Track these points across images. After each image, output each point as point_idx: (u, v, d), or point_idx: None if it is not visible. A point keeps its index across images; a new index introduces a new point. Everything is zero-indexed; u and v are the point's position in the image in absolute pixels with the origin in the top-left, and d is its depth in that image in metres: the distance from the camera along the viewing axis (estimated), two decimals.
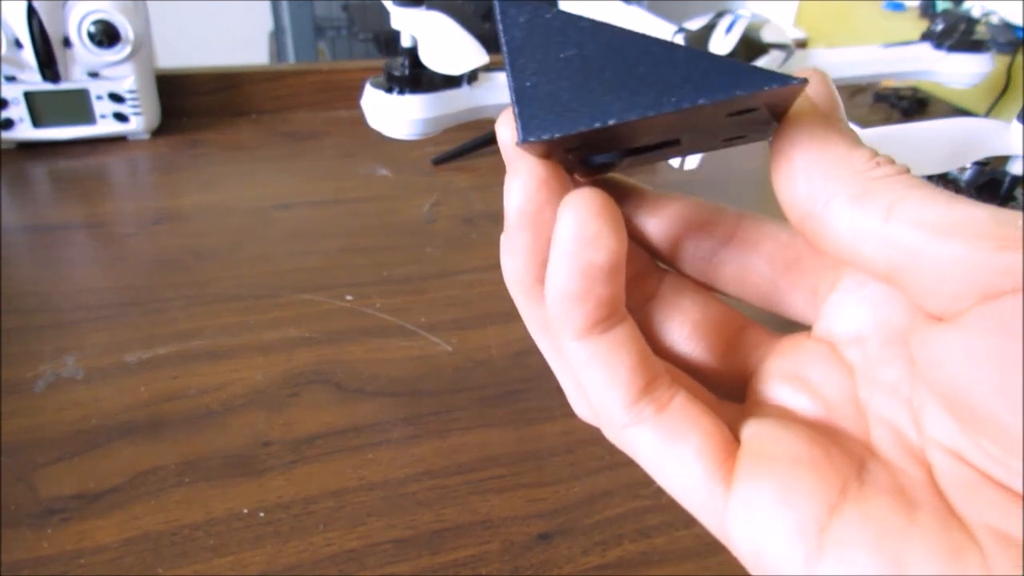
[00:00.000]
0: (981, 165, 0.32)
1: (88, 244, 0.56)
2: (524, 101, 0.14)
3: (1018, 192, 0.31)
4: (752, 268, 0.19)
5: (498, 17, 0.15)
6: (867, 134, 0.30)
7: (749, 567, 0.15)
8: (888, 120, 0.84)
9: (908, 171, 0.15)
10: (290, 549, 0.34)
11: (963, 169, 0.33)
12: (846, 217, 0.14)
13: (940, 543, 0.13)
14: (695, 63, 0.13)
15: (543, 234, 0.16)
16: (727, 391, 0.19)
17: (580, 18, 0.14)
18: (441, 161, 0.69)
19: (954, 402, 0.13)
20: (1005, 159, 0.31)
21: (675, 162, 0.45)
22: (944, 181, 0.33)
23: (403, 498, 0.36)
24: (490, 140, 0.72)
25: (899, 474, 0.15)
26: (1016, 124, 0.30)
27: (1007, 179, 0.31)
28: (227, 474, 0.37)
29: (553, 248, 0.15)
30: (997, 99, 0.79)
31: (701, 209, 0.20)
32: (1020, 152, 0.30)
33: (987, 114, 0.79)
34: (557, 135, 0.14)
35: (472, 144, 0.71)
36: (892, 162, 0.15)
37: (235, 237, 0.57)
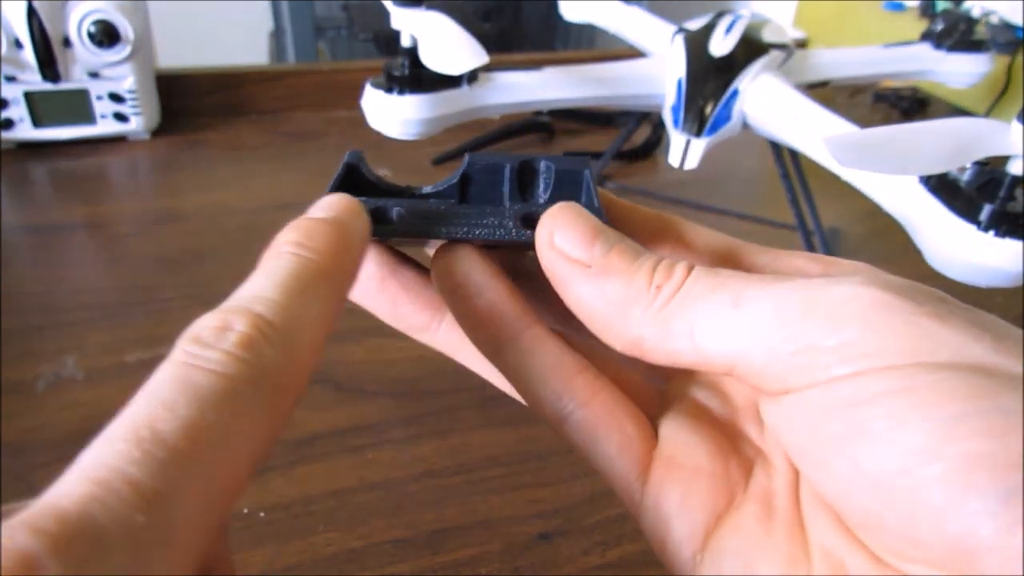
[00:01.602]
0: (981, 165, 0.32)
1: (88, 244, 0.56)
2: None
3: (1018, 192, 0.31)
4: None
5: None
6: (867, 134, 0.30)
7: (655, 553, 0.18)
8: (888, 120, 0.84)
9: (687, 268, 0.16)
10: (290, 549, 0.34)
11: (963, 169, 0.33)
12: (660, 352, 0.16)
13: (782, 556, 0.16)
14: None
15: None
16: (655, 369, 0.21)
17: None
18: (441, 161, 0.69)
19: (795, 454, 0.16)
20: (1005, 159, 0.31)
21: (675, 160, 0.45)
22: (944, 181, 0.33)
23: (403, 498, 0.36)
24: (490, 140, 0.72)
25: (774, 476, 0.17)
26: (1016, 124, 0.30)
27: (1007, 179, 0.31)
28: None
29: None
30: (997, 99, 0.79)
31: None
32: (1020, 152, 0.30)
33: (987, 114, 0.79)
34: None
35: (472, 144, 0.71)
36: (670, 268, 0.16)
37: (235, 237, 0.57)
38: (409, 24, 0.40)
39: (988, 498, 0.12)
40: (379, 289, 0.20)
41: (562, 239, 0.17)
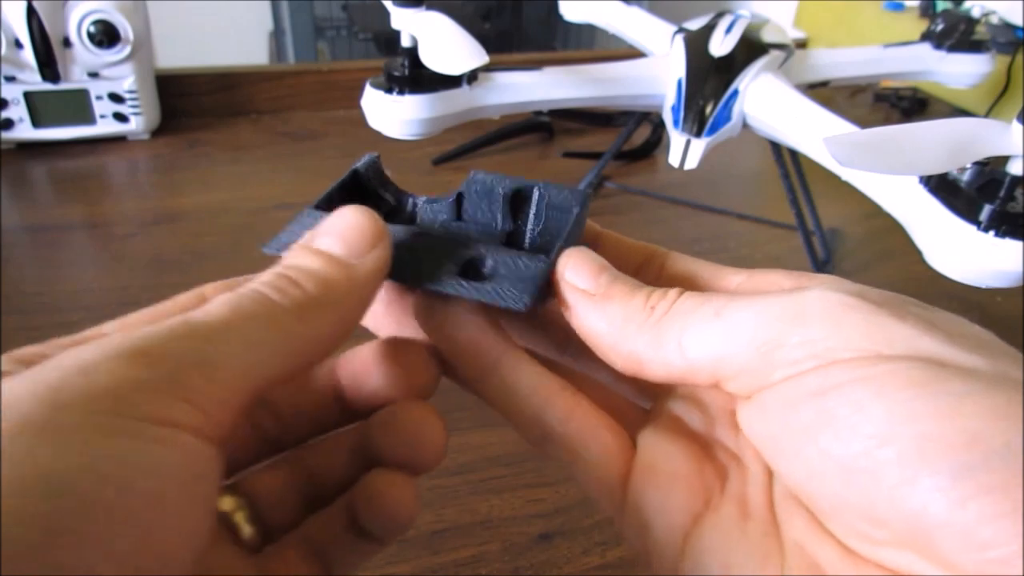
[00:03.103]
0: (981, 165, 0.32)
1: (88, 244, 0.56)
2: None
3: (1018, 192, 0.31)
4: None
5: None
6: (867, 134, 0.30)
7: (638, 554, 0.19)
8: (888, 120, 0.84)
9: (679, 292, 0.18)
10: None
11: (963, 169, 0.33)
12: (654, 363, 0.18)
13: (757, 552, 0.17)
14: None
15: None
16: (643, 389, 0.22)
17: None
18: (441, 161, 0.69)
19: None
20: (1005, 159, 0.31)
21: (675, 160, 0.45)
22: (944, 181, 0.33)
23: None
24: (490, 140, 0.72)
25: (748, 479, 0.18)
26: (1016, 124, 0.30)
27: (1007, 179, 0.31)
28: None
29: None
30: (997, 99, 0.79)
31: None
32: (1020, 152, 0.30)
33: (987, 114, 0.79)
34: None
35: (472, 144, 0.71)
36: (664, 293, 0.18)
37: (235, 237, 0.57)
38: (409, 24, 0.40)
39: (939, 476, 0.13)
40: (384, 313, 0.22)
41: (572, 273, 0.19)
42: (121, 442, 0.12)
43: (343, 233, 0.18)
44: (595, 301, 0.18)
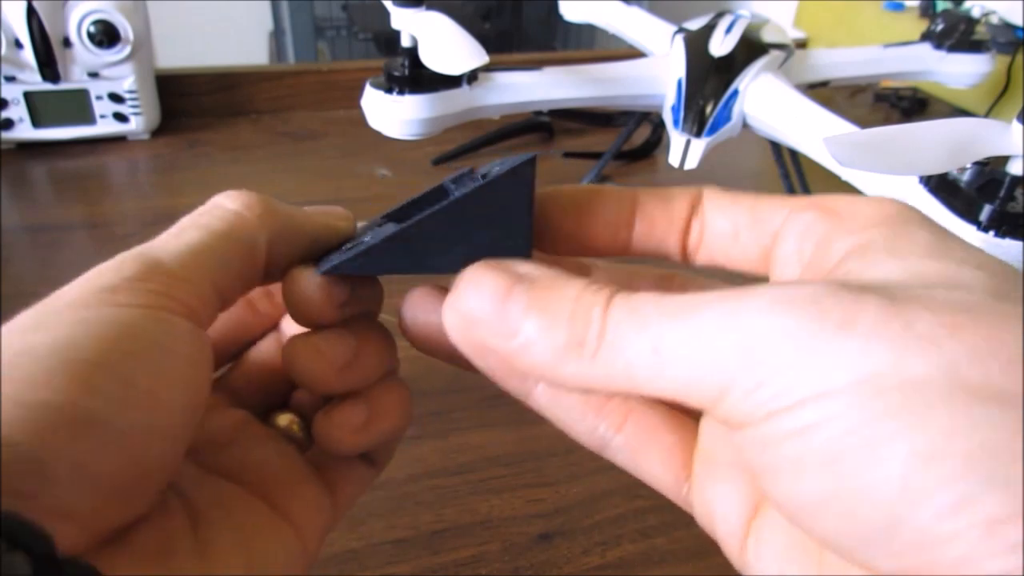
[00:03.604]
0: (981, 165, 0.32)
1: (88, 244, 0.56)
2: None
3: (1018, 192, 0.31)
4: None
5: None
6: (867, 134, 0.30)
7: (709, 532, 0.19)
8: (888, 120, 0.84)
9: (604, 307, 0.15)
10: None
11: (963, 169, 0.33)
12: (612, 390, 0.16)
13: (801, 543, 0.17)
14: None
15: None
16: None
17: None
18: (441, 161, 0.69)
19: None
20: (1005, 159, 0.31)
21: (675, 160, 0.45)
22: (944, 181, 0.33)
23: (403, 498, 0.36)
24: (490, 140, 0.72)
25: None
26: (1016, 124, 0.30)
27: (1007, 179, 0.31)
28: None
29: None
30: (997, 99, 0.79)
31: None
32: (1020, 152, 0.30)
33: (987, 114, 0.79)
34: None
35: (472, 144, 0.71)
36: (587, 314, 0.15)
37: None
38: (409, 24, 0.40)
39: (869, 534, 0.13)
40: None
41: (480, 331, 0.16)
42: (101, 316, 0.16)
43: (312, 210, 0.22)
44: (516, 352, 0.16)
